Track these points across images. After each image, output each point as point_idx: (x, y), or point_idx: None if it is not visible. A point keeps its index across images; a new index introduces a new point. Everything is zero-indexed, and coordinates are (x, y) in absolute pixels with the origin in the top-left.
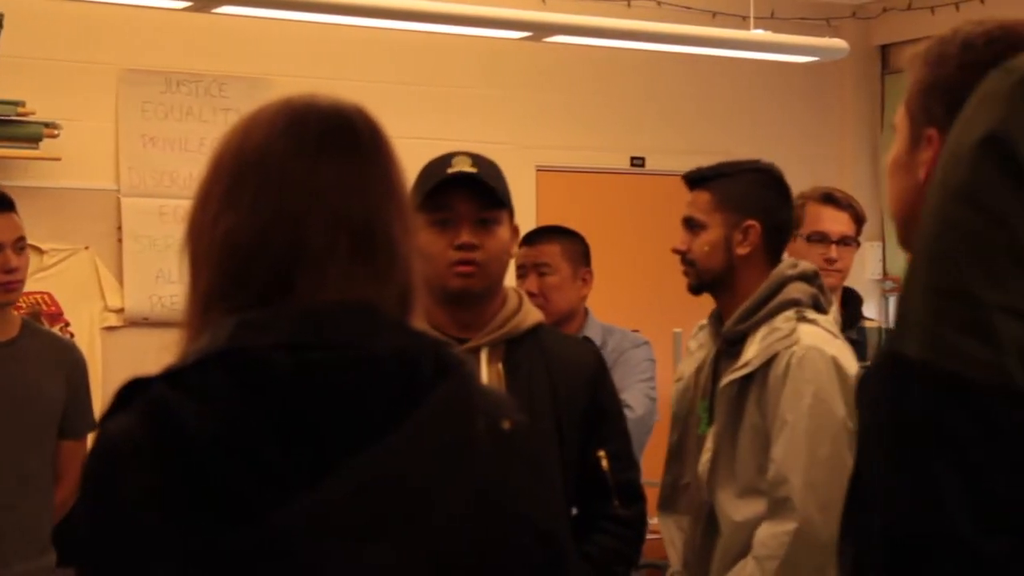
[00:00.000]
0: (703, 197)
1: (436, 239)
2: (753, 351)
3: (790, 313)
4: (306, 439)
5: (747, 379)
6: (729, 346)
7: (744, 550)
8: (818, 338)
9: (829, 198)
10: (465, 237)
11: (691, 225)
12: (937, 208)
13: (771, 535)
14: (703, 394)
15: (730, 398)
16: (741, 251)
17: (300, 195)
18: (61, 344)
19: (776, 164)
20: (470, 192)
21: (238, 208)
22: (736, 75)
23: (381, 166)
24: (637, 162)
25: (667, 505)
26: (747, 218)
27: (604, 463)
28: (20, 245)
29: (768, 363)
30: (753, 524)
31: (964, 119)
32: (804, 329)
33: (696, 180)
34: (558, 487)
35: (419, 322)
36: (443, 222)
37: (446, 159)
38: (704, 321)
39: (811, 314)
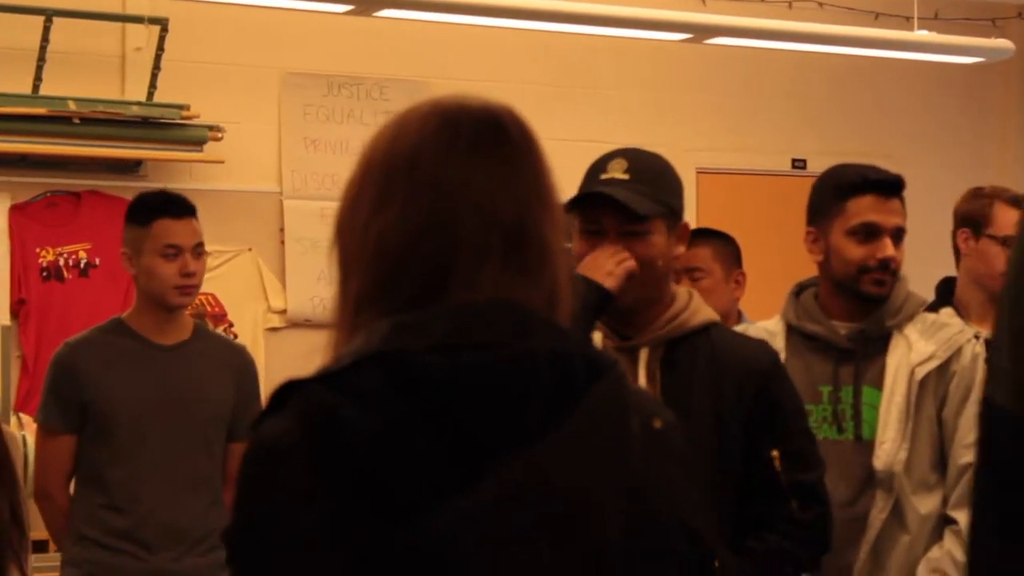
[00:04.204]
0: (899, 207)
1: (586, 248)
2: (927, 346)
3: (949, 310)
4: (462, 440)
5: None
6: (865, 346)
7: (930, 544)
8: None
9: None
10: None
11: (901, 235)
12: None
13: None
14: (810, 399)
15: (909, 393)
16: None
17: (452, 196)
18: (231, 347)
19: (938, 166)
20: (615, 206)
21: (389, 210)
22: (898, 76)
23: (532, 166)
24: (799, 164)
25: None
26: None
27: (776, 463)
28: (199, 251)
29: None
30: (936, 517)
31: None
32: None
33: (897, 187)
34: (702, 483)
35: (566, 321)
36: (593, 232)
37: (603, 163)
38: (773, 328)
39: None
